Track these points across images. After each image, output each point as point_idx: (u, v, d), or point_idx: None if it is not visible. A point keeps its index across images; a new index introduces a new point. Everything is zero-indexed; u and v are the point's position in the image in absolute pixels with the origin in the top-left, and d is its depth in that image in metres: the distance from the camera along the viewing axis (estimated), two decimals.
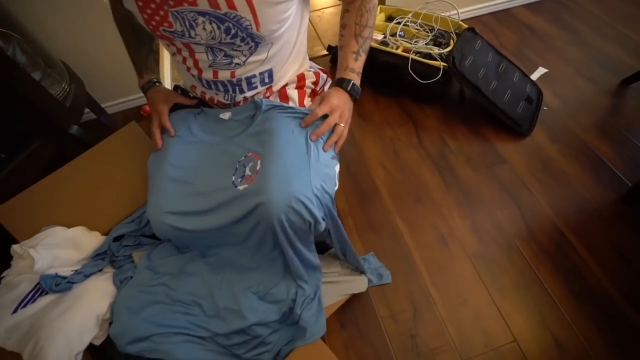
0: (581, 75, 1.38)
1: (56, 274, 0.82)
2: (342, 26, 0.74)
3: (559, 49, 1.49)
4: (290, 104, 0.77)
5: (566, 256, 0.96)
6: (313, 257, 0.77)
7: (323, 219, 0.67)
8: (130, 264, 0.88)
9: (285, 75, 0.76)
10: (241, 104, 0.77)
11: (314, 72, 0.82)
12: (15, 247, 0.86)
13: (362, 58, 0.73)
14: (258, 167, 0.67)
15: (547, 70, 1.40)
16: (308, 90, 0.82)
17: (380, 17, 1.43)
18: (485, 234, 1.01)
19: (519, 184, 1.11)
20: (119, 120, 1.46)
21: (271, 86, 0.75)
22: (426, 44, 1.26)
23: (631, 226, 0.99)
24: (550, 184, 1.10)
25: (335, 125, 0.70)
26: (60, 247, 0.87)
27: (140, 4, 0.58)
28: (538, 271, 0.94)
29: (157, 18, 0.60)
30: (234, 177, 0.70)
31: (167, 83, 1.06)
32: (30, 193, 0.93)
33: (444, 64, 1.17)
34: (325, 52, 1.59)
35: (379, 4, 0.83)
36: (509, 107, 1.19)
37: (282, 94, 0.79)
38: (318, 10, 1.84)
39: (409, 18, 1.33)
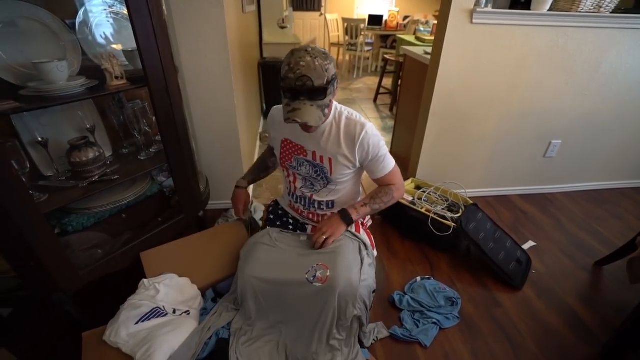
0: (562, 253, 1.78)
1: (163, 306, 1.18)
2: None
3: (545, 230, 1.95)
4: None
5: None
6: None
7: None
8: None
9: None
10: (312, 216, 1.27)
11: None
12: (145, 281, 1.24)
13: (367, 209, 1.18)
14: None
15: (535, 244, 1.82)
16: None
17: (411, 186, 2.02)
18: (482, 358, 1.25)
19: (511, 325, 1.38)
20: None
21: (333, 212, 1.24)
22: (442, 209, 1.77)
23: None
24: (537, 330, 1.37)
25: (323, 235, 1.13)
26: (172, 288, 1.24)
27: (283, 151, 1.18)
28: None
29: (287, 158, 1.18)
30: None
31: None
32: (164, 248, 1.37)
33: (454, 224, 1.64)
34: None
35: (411, 178, 1.37)
36: (503, 263, 1.57)
37: None
38: None
39: (431, 190, 1.91)
